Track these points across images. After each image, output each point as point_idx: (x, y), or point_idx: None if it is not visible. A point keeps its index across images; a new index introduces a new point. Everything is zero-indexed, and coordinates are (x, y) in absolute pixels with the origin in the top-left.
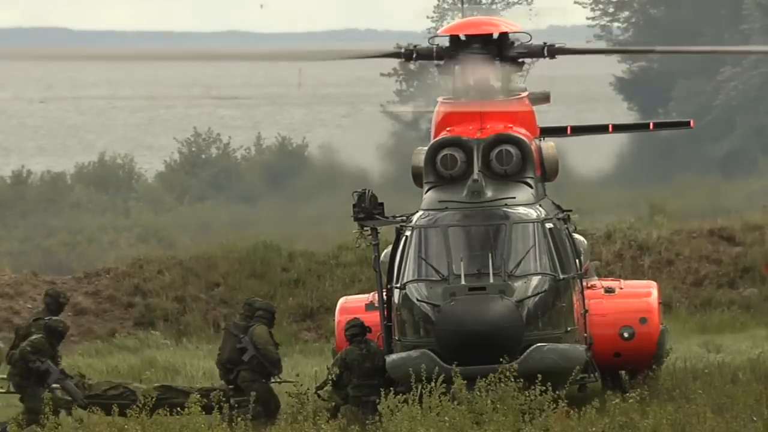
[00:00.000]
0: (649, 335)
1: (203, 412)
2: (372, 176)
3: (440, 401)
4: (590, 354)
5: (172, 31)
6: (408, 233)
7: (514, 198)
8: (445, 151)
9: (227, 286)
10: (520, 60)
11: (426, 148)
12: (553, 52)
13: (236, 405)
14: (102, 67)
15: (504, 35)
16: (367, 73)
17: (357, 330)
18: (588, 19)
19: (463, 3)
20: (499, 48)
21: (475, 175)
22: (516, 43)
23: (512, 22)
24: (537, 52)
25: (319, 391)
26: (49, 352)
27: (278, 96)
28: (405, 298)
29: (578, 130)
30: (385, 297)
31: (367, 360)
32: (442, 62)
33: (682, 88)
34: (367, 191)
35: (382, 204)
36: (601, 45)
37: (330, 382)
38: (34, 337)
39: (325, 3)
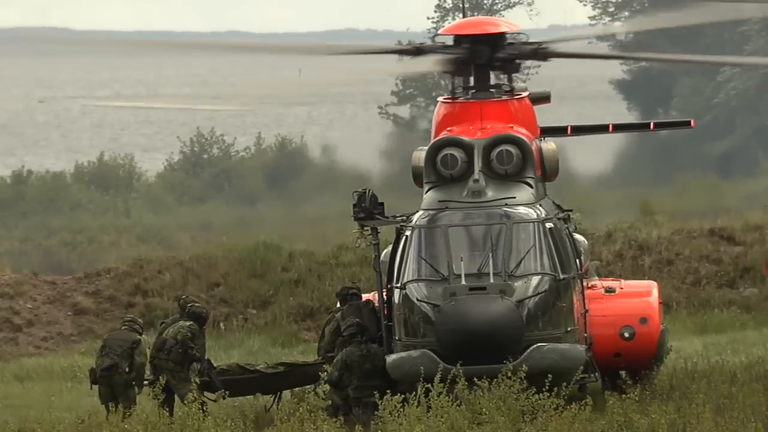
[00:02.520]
0: (650, 335)
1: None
2: (372, 176)
3: (440, 401)
4: (590, 354)
5: (172, 30)
6: (408, 233)
7: (515, 198)
8: (446, 151)
9: (227, 286)
10: (520, 60)
11: (426, 148)
12: (545, 55)
13: None
14: (104, 60)
15: (505, 35)
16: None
17: (354, 330)
18: (589, 18)
19: (464, 3)
20: (499, 48)
21: (476, 174)
22: (512, 44)
23: (513, 22)
24: (529, 55)
25: (317, 390)
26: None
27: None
28: (405, 297)
29: (578, 130)
30: (385, 297)
31: (367, 361)
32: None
33: (682, 88)
34: (367, 191)
35: (382, 204)
36: (602, 46)
37: (325, 381)
38: (189, 323)
39: (325, 3)
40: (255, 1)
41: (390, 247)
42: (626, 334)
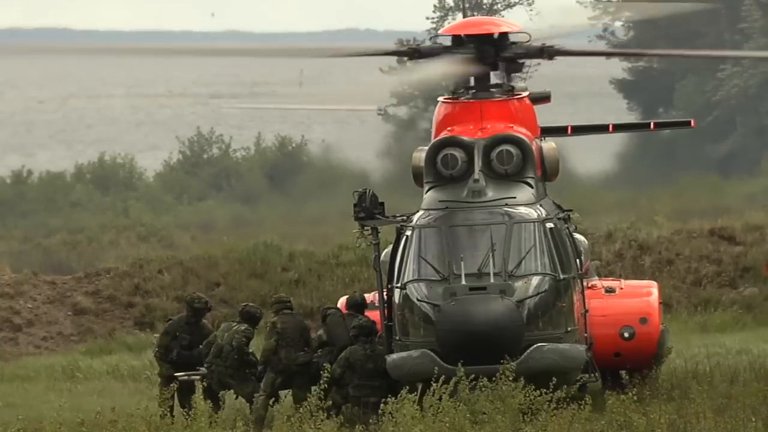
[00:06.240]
0: (650, 335)
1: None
2: (372, 176)
3: (440, 401)
4: (590, 354)
5: (172, 30)
6: (408, 233)
7: (515, 198)
8: (446, 151)
9: (227, 286)
10: (520, 60)
11: (426, 147)
12: (551, 53)
13: None
14: (100, 61)
15: (505, 35)
16: (367, 72)
17: (356, 331)
18: (589, 19)
19: (464, 3)
20: (499, 48)
21: (476, 174)
22: (516, 44)
23: (513, 22)
24: (535, 53)
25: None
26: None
27: (279, 95)
28: (405, 297)
29: (579, 130)
30: (385, 297)
31: (371, 361)
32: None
33: (682, 88)
34: (367, 191)
35: (382, 204)
36: (602, 45)
37: (326, 380)
38: (243, 327)
39: (325, 3)
40: (254, 1)
41: (390, 247)
42: (626, 334)
